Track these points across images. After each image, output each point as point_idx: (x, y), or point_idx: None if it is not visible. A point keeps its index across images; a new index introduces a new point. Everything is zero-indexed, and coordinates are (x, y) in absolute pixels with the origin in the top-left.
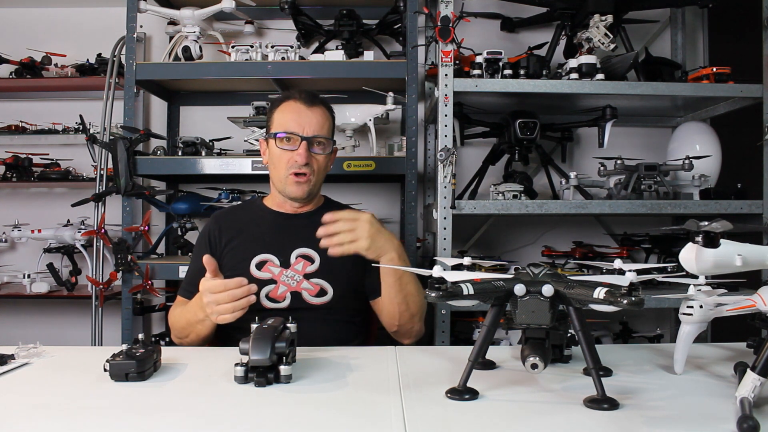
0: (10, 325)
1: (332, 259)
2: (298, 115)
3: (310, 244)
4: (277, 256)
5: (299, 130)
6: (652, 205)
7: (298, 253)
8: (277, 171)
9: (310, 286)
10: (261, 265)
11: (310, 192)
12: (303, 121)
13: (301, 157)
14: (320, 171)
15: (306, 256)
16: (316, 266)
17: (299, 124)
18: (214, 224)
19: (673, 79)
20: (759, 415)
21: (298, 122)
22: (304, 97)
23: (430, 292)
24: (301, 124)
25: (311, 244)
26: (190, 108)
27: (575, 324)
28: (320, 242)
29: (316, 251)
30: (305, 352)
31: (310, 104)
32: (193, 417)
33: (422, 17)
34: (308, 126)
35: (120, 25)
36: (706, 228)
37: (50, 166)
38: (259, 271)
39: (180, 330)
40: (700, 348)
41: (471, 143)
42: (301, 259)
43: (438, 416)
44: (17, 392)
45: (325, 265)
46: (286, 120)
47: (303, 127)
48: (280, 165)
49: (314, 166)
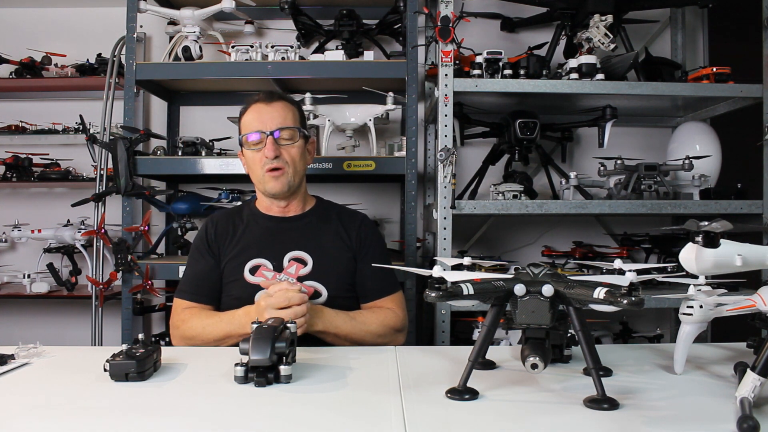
0: (10, 325)
1: (325, 261)
2: (259, 114)
3: (303, 247)
4: (270, 261)
5: (262, 127)
6: (652, 205)
7: (290, 256)
8: (254, 173)
9: (304, 289)
10: (254, 270)
11: (290, 185)
12: (264, 118)
13: (269, 150)
14: (295, 162)
15: (299, 259)
16: (308, 269)
17: (261, 122)
18: (210, 226)
19: (673, 79)
20: (759, 415)
21: (260, 120)
22: (263, 96)
23: (430, 292)
24: (263, 121)
25: (303, 246)
26: (190, 108)
27: (575, 324)
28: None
29: (309, 254)
30: (305, 352)
31: (269, 101)
32: (193, 417)
33: (422, 17)
34: (270, 121)
35: (120, 25)
36: (706, 228)
37: (50, 166)
38: (252, 276)
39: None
40: (700, 348)
41: (471, 143)
42: (293, 263)
43: (438, 416)
44: (17, 392)
45: (318, 268)
46: (249, 122)
47: (265, 123)
48: (255, 166)
49: (286, 158)
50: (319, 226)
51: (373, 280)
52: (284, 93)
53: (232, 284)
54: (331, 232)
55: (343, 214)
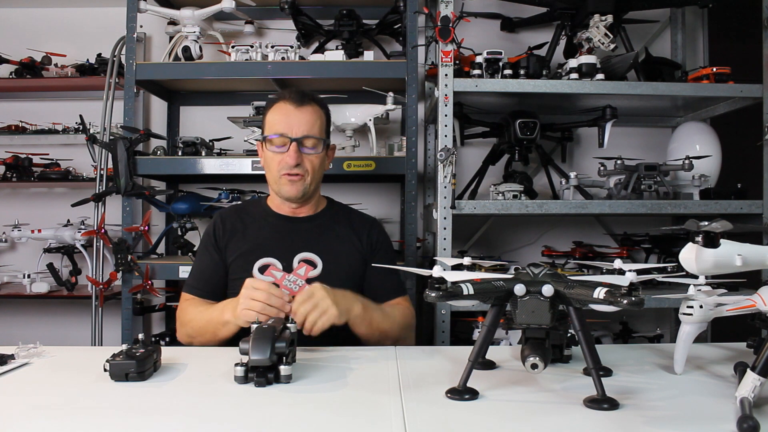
0: (10, 325)
1: (335, 264)
2: (287, 116)
3: (313, 249)
4: (279, 260)
5: (288, 132)
6: (652, 205)
7: (300, 257)
8: (270, 173)
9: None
10: (264, 269)
11: (305, 191)
12: (292, 122)
13: (291, 158)
14: (315, 170)
15: (309, 261)
16: (318, 271)
17: (288, 125)
18: (219, 222)
19: (673, 79)
20: (759, 415)
21: (287, 123)
22: (294, 97)
23: (430, 292)
24: (289, 125)
25: (314, 248)
26: (190, 108)
27: (575, 324)
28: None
29: (319, 256)
30: (305, 352)
31: (299, 104)
32: (193, 417)
33: (422, 17)
34: (297, 126)
35: (120, 25)
36: (706, 228)
37: (50, 166)
38: (261, 274)
39: (197, 329)
40: (700, 348)
41: (471, 143)
42: (303, 264)
43: (438, 416)
44: (17, 392)
45: (327, 270)
46: (276, 122)
47: (292, 128)
48: (272, 167)
49: (307, 166)
50: (330, 229)
51: (384, 281)
52: (315, 95)
53: (240, 281)
54: (341, 234)
55: (353, 216)
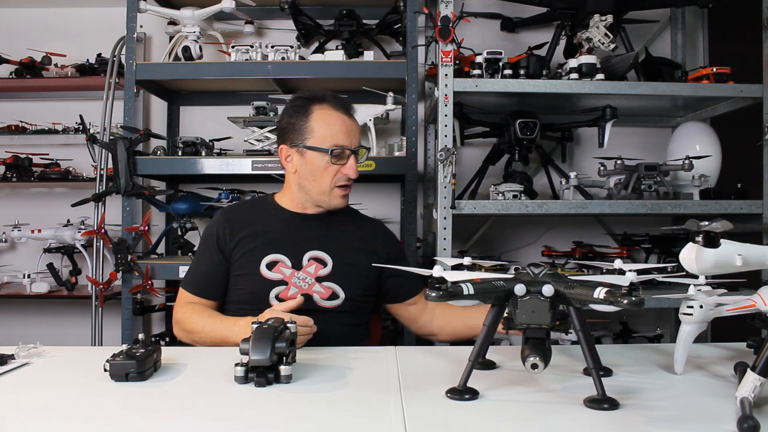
0: (10, 325)
1: (345, 263)
2: (346, 127)
3: (324, 247)
4: (288, 257)
5: (349, 144)
6: (652, 205)
7: (310, 255)
8: (318, 184)
9: (322, 290)
10: (272, 265)
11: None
12: (351, 132)
13: (353, 171)
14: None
15: (318, 259)
16: (328, 270)
17: (348, 137)
18: (223, 221)
19: (673, 79)
20: (759, 415)
21: (347, 134)
22: (341, 104)
23: (431, 292)
24: (349, 136)
25: (324, 246)
26: (190, 108)
27: (575, 324)
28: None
29: (329, 254)
30: (305, 352)
31: (349, 112)
32: (193, 417)
33: (422, 17)
34: (354, 138)
35: (120, 25)
36: (706, 228)
37: (50, 166)
38: (269, 271)
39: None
40: (700, 348)
41: (471, 143)
42: (313, 262)
43: (438, 416)
44: (17, 392)
45: (338, 269)
46: (335, 132)
47: (351, 139)
48: (324, 178)
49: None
50: (341, 227)
51: (407, 278)
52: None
53: (244, 277)
54: (352, 234)
55: (362, 218)
